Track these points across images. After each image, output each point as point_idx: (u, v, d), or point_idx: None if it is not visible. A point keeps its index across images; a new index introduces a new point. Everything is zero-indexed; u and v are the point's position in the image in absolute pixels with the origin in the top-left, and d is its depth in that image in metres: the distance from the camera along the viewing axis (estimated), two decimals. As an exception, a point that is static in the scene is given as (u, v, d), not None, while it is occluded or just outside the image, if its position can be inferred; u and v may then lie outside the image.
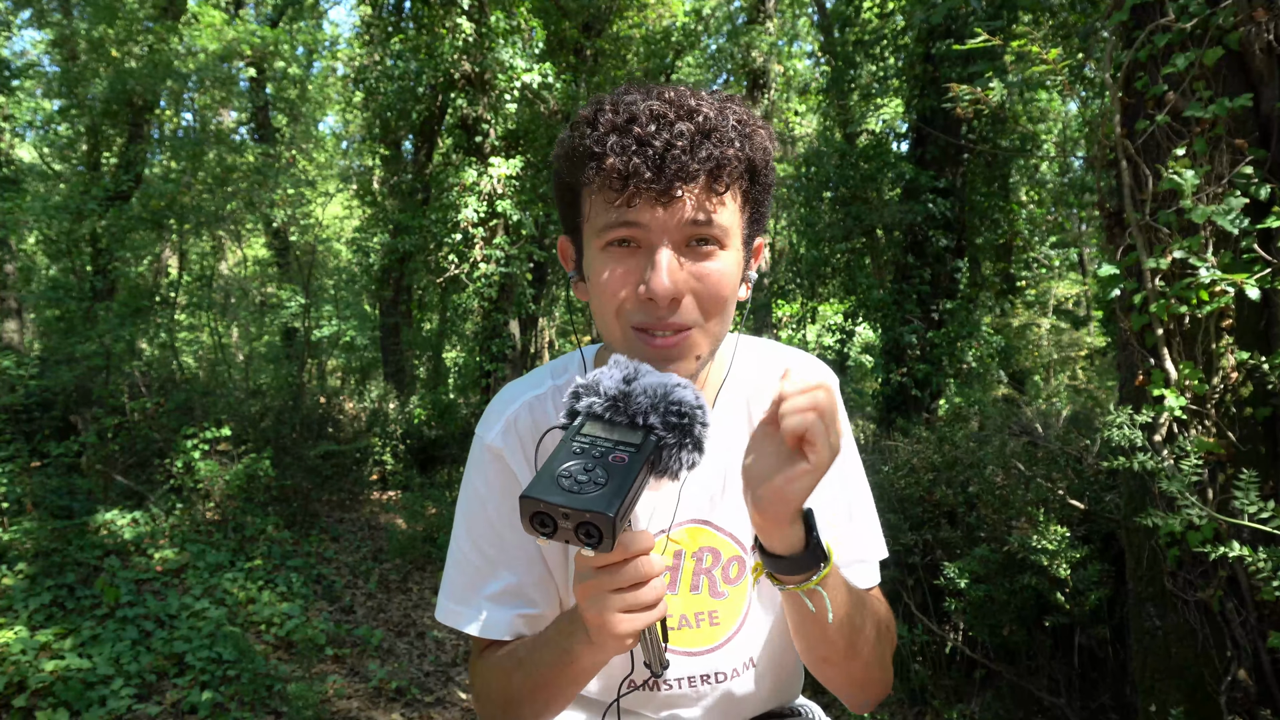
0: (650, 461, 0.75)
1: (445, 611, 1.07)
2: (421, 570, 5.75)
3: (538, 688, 0.95)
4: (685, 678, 1.06)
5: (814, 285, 8.20)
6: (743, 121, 0.89)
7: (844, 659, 0.96)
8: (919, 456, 3.92)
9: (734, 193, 0.90)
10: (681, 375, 0.89)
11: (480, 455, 1.06)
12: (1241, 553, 1.88)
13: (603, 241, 0.89)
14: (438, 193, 9.28)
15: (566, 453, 0.73)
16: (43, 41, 11.99)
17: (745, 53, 10.91)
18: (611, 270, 0.89)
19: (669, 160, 0.84)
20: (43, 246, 8.50)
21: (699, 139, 0.85)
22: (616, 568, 0.76)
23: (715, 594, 1.06)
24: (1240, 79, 2.30)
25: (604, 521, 0.68)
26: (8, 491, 4.76)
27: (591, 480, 0.70)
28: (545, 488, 0.70)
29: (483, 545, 1.05)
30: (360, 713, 3.63)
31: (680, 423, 0.76)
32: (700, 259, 0.89)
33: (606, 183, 0.86)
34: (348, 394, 10.00)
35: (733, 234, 0.90)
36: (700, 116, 0.86)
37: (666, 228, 0.86)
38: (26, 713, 3.19)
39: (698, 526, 1.06)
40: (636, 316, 0.89)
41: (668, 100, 0.87)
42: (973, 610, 3.12)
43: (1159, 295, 2.34)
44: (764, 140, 0.91)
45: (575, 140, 0.90)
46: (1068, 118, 8.51)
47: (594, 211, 0.90)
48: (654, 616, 0.79)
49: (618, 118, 0.86)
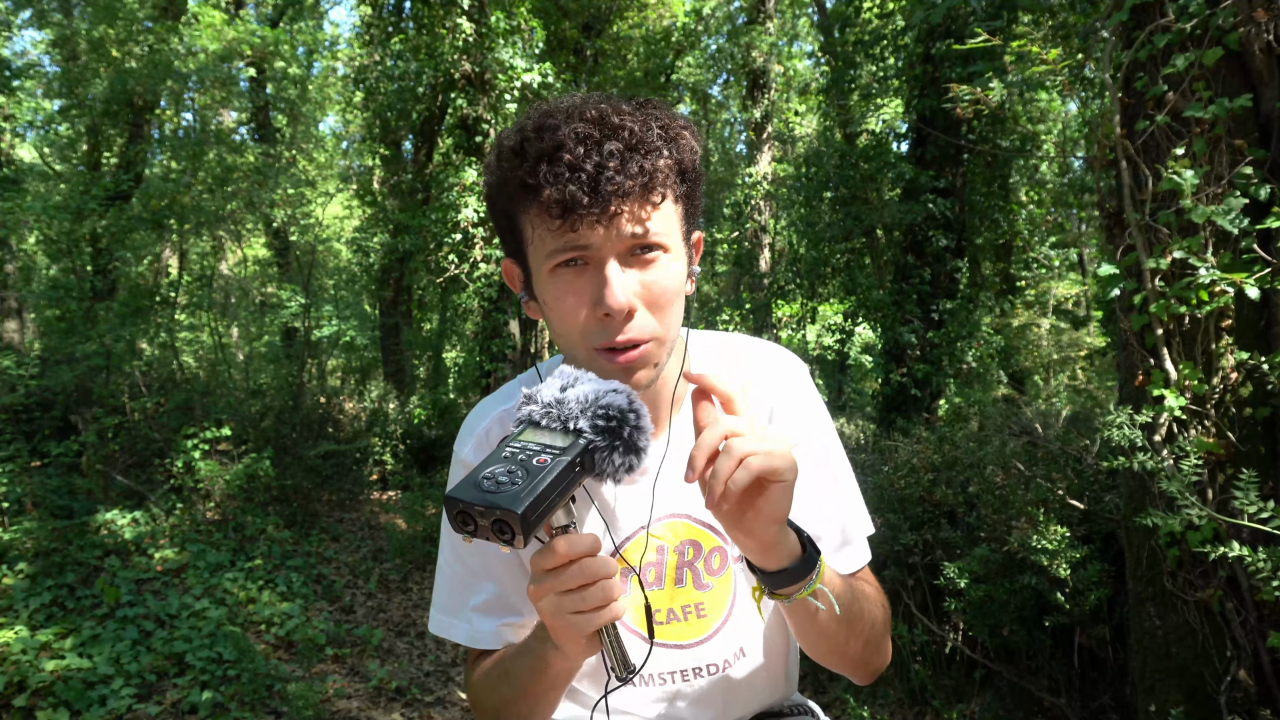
0: (580, 464, 0.77)
1: (436, 623, 1.12)
2: (421, 570, 5.75)
3: (519, 696, 0.99)
4: (678, 670, 1.08)
5: (814, 285, 8.20)
6: (666, 127, 0.90)
7: (845, 645, 0.99)
8: (919, 456, 3.92)
9: (666, 198, 0.91)
10: (645, 382, 0.93)
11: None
12: (1241, 553, 1.88)
13: (551, 265, 0.91)
14: (438, 193, 9.28)
15: (496, 458, 0.77)
16: (43, 41, 12.00)
17: (745, 53, 10.92)
18: (565, 293, 0.91)
19: (603, 182, 0.84)
20: (43, 246, 8.50)
21: (628, 155, 0.86)
22: (563, 569, 0.78)
23: (700, 586, 1.08)
24: (1240, 79, 2.30)
25: (513, 518, 0.71)
26: (8, 491, 4.76)
27: (511, 480, 0.74)
28: (464, 488, 0.74)
29: (465, 557, 1.09)
30: (360, 713, 3.63)
31: (609, 425, 0.78)
32: (645, 266, 0.91)
33: (545, 211, 0.87)
34: (348, 394, 10.00)
35: (672, 235, 0.93)
36: (626, 132, 0.87)
37: (610, 242, 0.88)
38: (27, 712, 3.19)
39: (677, 520, 1.07)
40: (599, 337, 0.91)
41: (591, 120, 0.87)
42: (973, 610, 3.12)
43: (1159, 295, 2.34)
44: (689, 140, 0.92)
45: (506, 172, 0.91)
46: (1068, 118, 8.51)
47: (536, 237, 0.91)
48: (608, 617, 0.80)
49: (545, 144, 0.86)
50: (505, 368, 8.57)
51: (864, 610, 1.00)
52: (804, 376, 1.11)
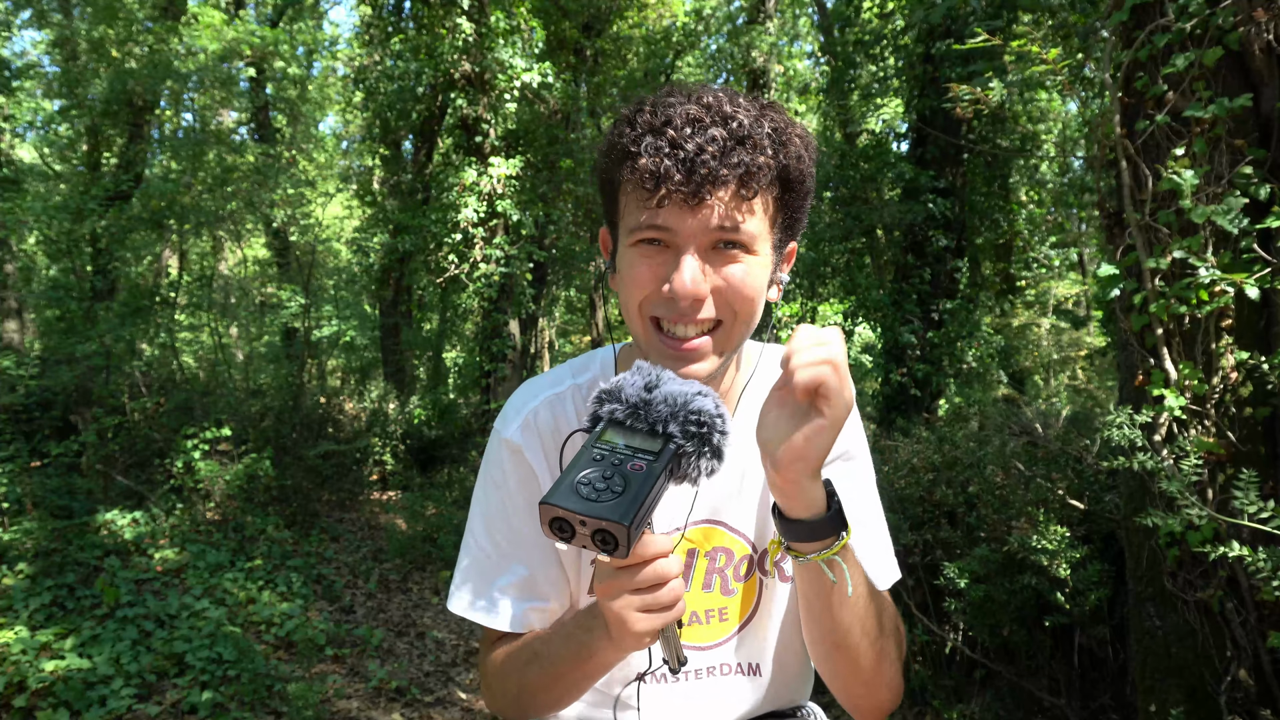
0: (669, 469, 0.76)
1: (457, 601, 1.08)
2: (421, 570, 5.75)
3: (553, 681, 0.97)
4: (693, 670, 1.09)
5: (814, 285, 8.20)
6: (778, 129, 0.90)
7: (855, 645, 0.95)
8: (919, 456, 3.92)
9: (764, 200, 0.91)
10: (700, 376, 0.91)
11: (498, 449, 1.08)
12: (1241, 553, 1.88)
13: (633, 239, 0.92)
14: (438, 193, 9.28)
15: (587, 459, 0.76)
16: (43, 42, 11.99)
17: (745, 53, 10.91)
18: (639, 266, 0.92)
19: (699, 165, 0.85)
20: (43, 246, 8.49)
21: (731, 145, 0.87)
22: (635, 570, 0.78)
23: (726, 591, 1.09)
24: (1240, 79, 2.30)
25: (619, 530, 0.70)
26: (8, 491, 4.76)
27: (609, 488, 0.72)
28: (564, 495, 0.72)
29: (497, 537, 1.07)
30: (360, 713, 3.63)
31: (699, 431, 0.77)
32: (726, 263, 0.91)
33: (639, 182, 0.88)
34: (348, 394, 9.99)
35: (760, 240, 0.92)
36: (734, 123, 0.88)
37: (694, 232, 0.88)
38: (27, 713, 3.19)
39: (712, 526, 1.08)
40: (658, 309, 0.92)
41: (705, 105, 0.89)
42: (973, 610, 3.12)
43: (1159, 295, 2.33)
44: (799, 149, 0.92)
45: (615, 138, 0.93)
46: (1068, 118, 8.51)
47: (628, 209, 0.93)
48: (672, 616, 0.81)
49: (655, 119, 0.88)
50: (505, 368, 8.57)
51: (880, 611, 0.97)
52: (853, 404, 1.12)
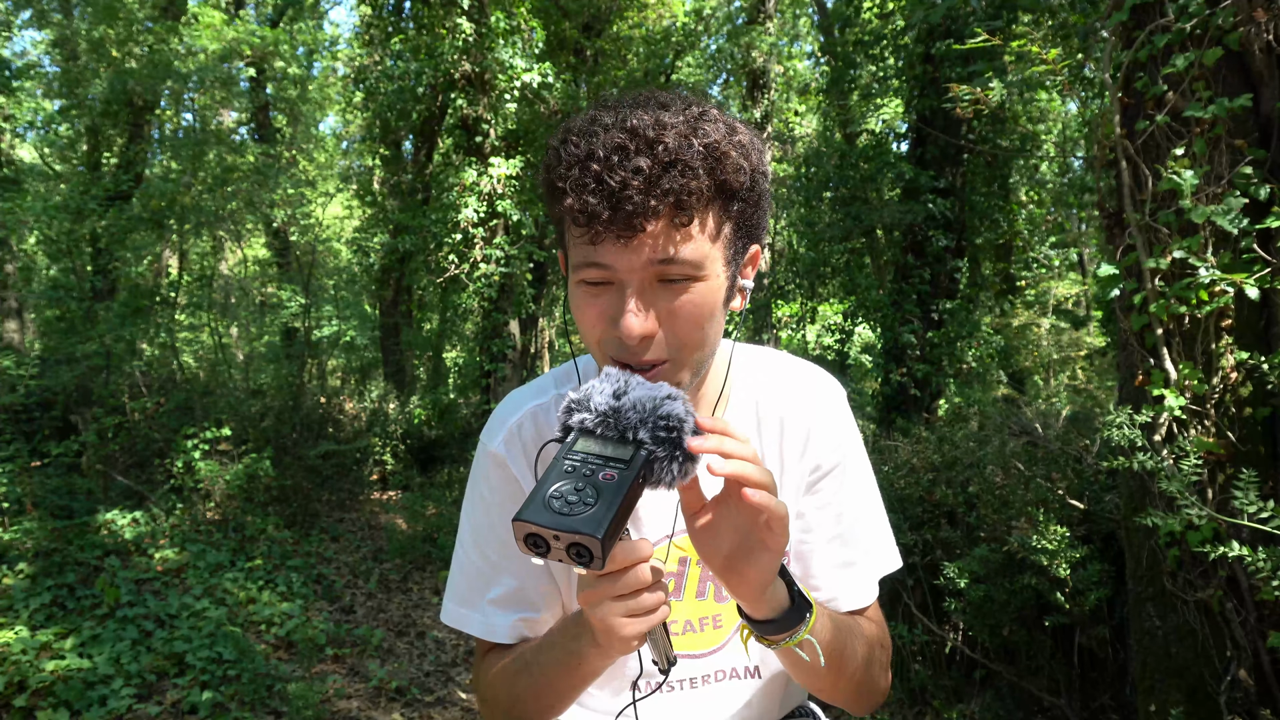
0: (641, 476, 0.75)
1: (450, 614, 1.10)
2: (421, 570, 5.75)
3: (543, 690, 0.98)
4: (688, 679, 1.09)
5: (813, 285, 8.21)
6: (711, 146, 0.83)
7: (834, 685, 0.98)
8: (919, 456, 3.92)
9: (703, 221, 0.85)
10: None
11: (484, 461, 1.08)
12: (1241, 553, 1.88)
13: (577, 279, 0.88)
14: (438, 193, 9.28)
15: (558, 472, 0.74)
16: (43, 41, 12.01)
17: (745, 53, 10.91)
18: (587, 310, 0.88)
19: (624, 200, 0.80)
20: (43, 246, 8.49)
21: (658, 173, 0.80)
22: (617, 575, 0.78)
23: (720, 599, 1.08)
24: (1240, 79, 2.30)
25: (592, 543, 0.69)
26: (8, 491, 4.76)
27: (581, 500, 0.71)
28: (536, 510, 0.71)
29: (486, 550, 1.07)
30: (360, 713, 3.63)
31: (670, 436, 0.76)
32: (672, 295, 0.86)
33: (571, 218, 0.84)
34: (348, 394, 10.00)
35: (709, 260, 0.86)
36: (660, 147, 0.81)
37: (632, 268, 0.84)
38: (27, 713, 3.19)
39: None
40: (616, 350, 0.89)
41: (630, 129, 0.82)
42: (973, 610, 3.12)
43: (1159, 295, 2.34)
44: (738, 159, 0.85)
45: (545, 172, 0.89)
46: (1068, 118, 8.52)
47: (570, 243, 0.89)
48: (657, 619, 0.81)
49: (579, 150, 0.83)
50: (505, 368, 8.57)
51: (857, 653, 0.99)
52: (842, 401, 1.10)
